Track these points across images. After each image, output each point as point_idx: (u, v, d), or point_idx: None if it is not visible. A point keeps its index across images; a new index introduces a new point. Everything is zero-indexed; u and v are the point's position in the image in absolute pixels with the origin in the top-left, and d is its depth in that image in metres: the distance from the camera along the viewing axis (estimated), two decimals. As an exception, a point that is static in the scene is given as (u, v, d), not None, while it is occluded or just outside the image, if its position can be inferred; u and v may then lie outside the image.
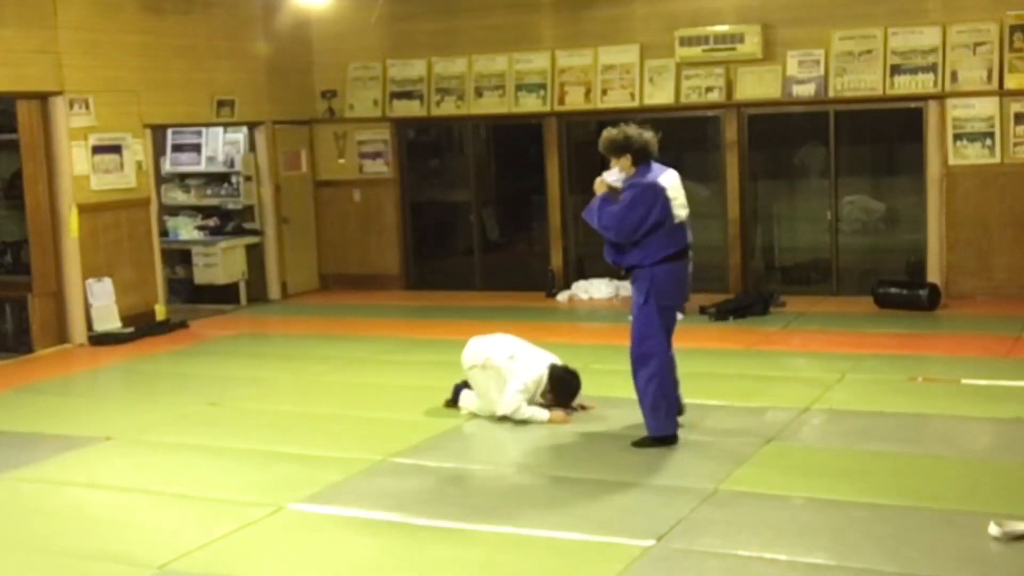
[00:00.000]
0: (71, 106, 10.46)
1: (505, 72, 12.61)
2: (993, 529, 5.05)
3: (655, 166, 6.66)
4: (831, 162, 11.61)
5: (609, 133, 6.71)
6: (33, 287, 10.43)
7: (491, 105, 12.65)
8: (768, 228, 12.51)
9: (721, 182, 11.97)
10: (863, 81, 11.21)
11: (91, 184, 10.66)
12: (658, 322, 6.61)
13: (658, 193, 6.51)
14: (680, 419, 6.83)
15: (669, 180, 6.59)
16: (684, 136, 12.27)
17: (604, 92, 12.19)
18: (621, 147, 6.63)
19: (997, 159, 10.84)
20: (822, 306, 11.14)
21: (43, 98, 10.39)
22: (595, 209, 6.69)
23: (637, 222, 6.50)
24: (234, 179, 13.03)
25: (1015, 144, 10.75)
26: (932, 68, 10.96)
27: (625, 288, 12.05)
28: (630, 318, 10.59)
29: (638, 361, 6.67)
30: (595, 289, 12.19)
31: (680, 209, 6.58)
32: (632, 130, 6.66)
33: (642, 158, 6.63)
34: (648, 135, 6.66)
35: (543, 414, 7.16)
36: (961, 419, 7.08)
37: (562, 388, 7.30)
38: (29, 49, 10.10)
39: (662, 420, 6.64)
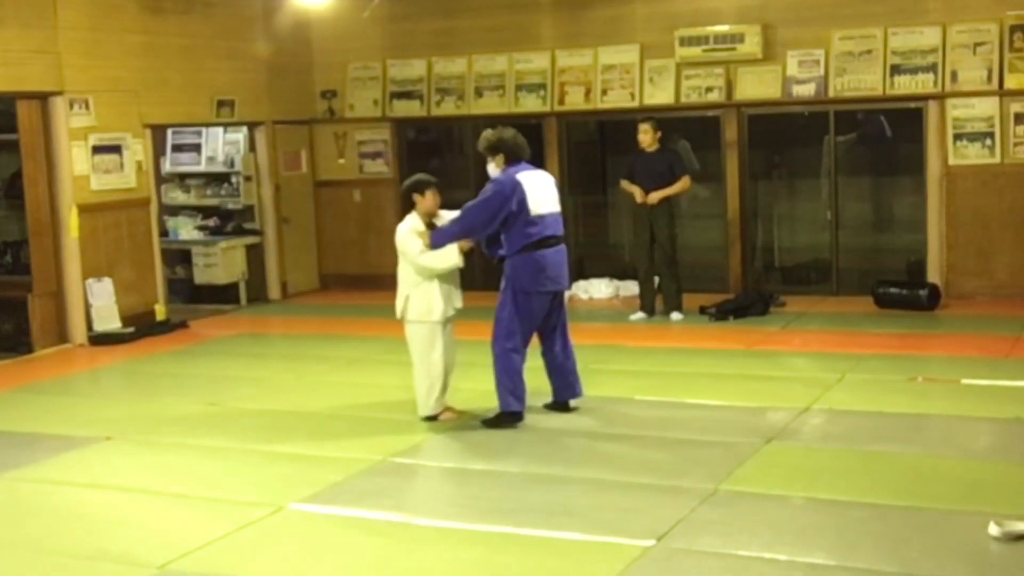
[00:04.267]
0: (71, 106, 10.46)
1: (505, 72, 12.61)
2: (993, 529, 5.05)
3: (525, 167, 7.20)
4: (831, 162, 11.62)
5: (486, 134, 7.31)
6: (33, 287, 10.43)
7: (491, 105, 12.64)
8: (768, 228, 12.52)
9: (721, 182, 11.97)
10: (863, 81, 11.21)
11: (91, 184, 10.66)
12: (513, 308, 7.13)
13: (515, 186, 7.06)
14: (574, 402, 7.42)
15: (531, 178, 7.13)
16: (684, 136, 12.30)
17: (604, 92, 12.19)
18: (495, 147, 7.25)
19: (997, 159, 10.83)
20: (822, 306, 11.14)
21: (43, 98, 10.39)
22: (443, 230, 7.15)
23: (496, 208, 7.04)
24: (234, 179, 13.03)
25: (1015, 144, 10.74)
26: (932, 68, 10.95)
27: (625, 288, 12.07)
28: (630, 318, 10.74)
29: (493, 341, 7.19)
30: (595, 289, 12.18)
31: (538, 206, 7.07)
32: (506, 133, 7.27)
33: (513, 159, 7.22)
34: (521, 140, 7.27)
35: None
36: (961, 419, 7.08)
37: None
38: (29, 49, 10.10)
39: (505, 397, 7.14)
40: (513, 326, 7.12)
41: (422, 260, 7.14)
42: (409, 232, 7.22)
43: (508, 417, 7.13)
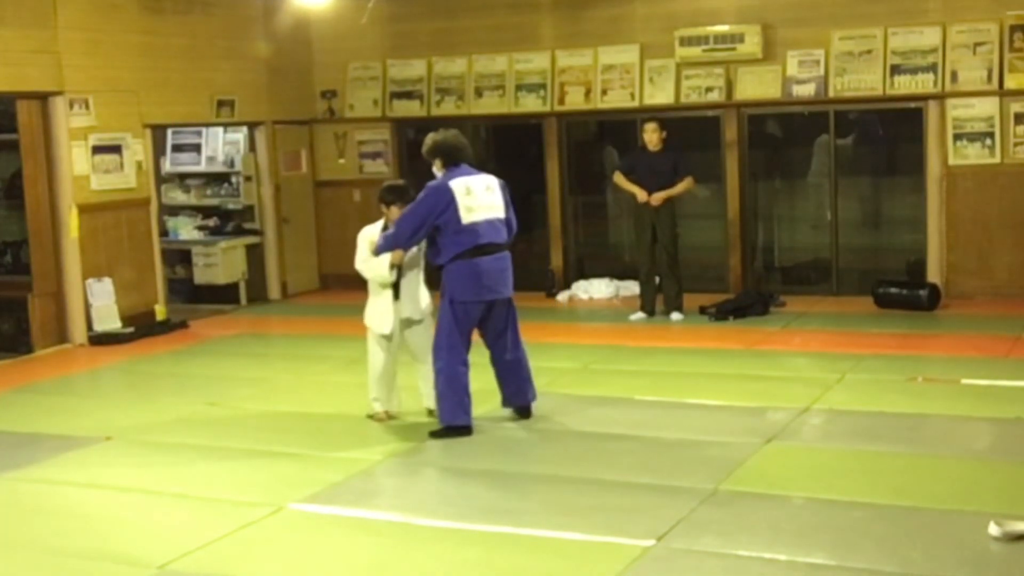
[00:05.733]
0: (71, 106, 10.46)
1: (505, 72, 12.61)
2: (993, 529, 5.05)
3: (465, 170, 7.05)
4: (831, 162, 11.62)
5: (425, 140, 7.18)
6: (33, 287, 10.43)
7: (491, 105, 12.65)
8: (768, 228, 12.51)
9: (721, 182, 11.97)
10: (863, 81, 11.21)
11: (91, 184, 10.66)
12: (452, 318, 6.96)
13: (442, 193, 6.90)
14: (533, 406, 7.25)
15: (464, 184, 6.95)
16: (684, 136, 12.27)
17: (604, 92, 12.19)
18: (431, 151, 7.11)
19: (997, 159, 10.84)
20: (822, 306, 11.15)
21: (43, 98, 10.39)
22: (382, 238, 7.14)
23: (424, 214, 6.90)
24: (234, 179, 13.03)
25: (1015, 144, 10.74)
26: (932, 68, 10.95)
27: (625, 288, 12.07)
28: (630, 318, 10.73)
29: (433, 352, 7.09)
30: (595, 289, 12.19)
31: (468, 212, 6.90)
32: (445, 135, 7.15)
33: (450, 162, 7.05)
34: (459, 142, 7.12)
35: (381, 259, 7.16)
36: (961, 419, 7.08)
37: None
38: (29, 49, 10.10)
39: (448, 410, 6.97)
40: (454, 338, 6.95)
41: (359, 267, 7.27)
42: (363, 238, 7.30)
43: (455, 430, 6.97)
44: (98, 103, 10.68)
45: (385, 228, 7.27)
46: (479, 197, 6.97)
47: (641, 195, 10.55)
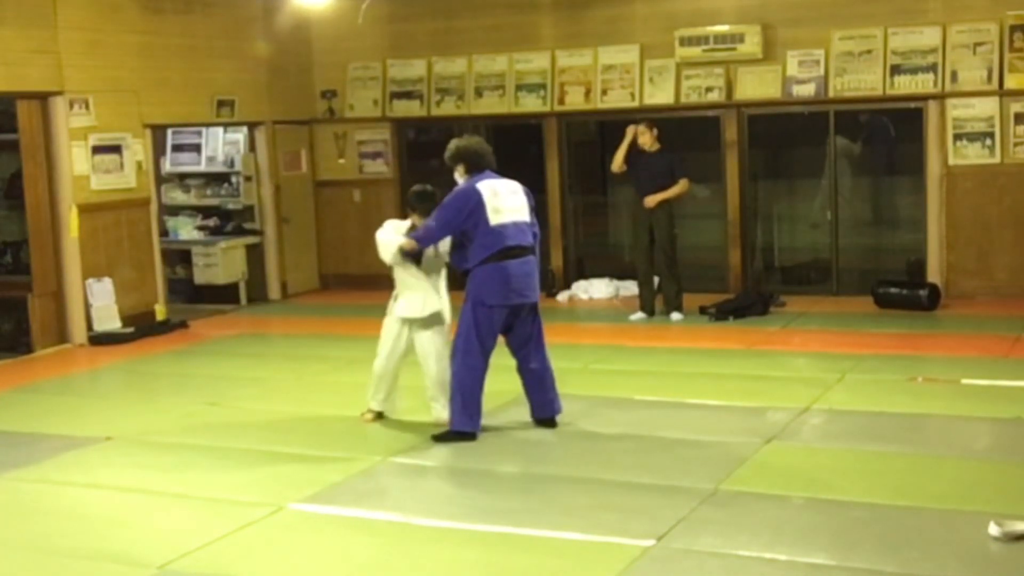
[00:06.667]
0: (71, 106, 10.46)
1: (505, 72, 12.61)
2: (993, 529, 5.05)
3: (488, 175, 7.05)
4: (831, 162, 11.62)
5: (449, 144, 7.20)
6: (33, 287, 10.43)
7: (491, 105, 12.65)
8: (768, 228, 12.51)
9: (721, 182, 11.97)
10: (863, 81, 11.21)
11: (91, 184, 10.66)
12: (472, 322, 6.90)
13: (471, 195, 6.90)
14: (558, 418, 7.15)
15: (491, 187, 6.96)
16: (684, 136, 12.28)
17: (604, 92, 12.19)
18: (455, 157, 7.13)
19: (997, 159, 10.84)
20: (822, 306, 11.14)
21: (43, 98, 10.39)
22: (416, 235, 7.12)
23: (451, 216, 6.91)
24: (234, 179, 13.04)
25: (1015, 144, 10.75)
26: (932, 68, 10.96)
27: (625, 288, 12.07)
28: (630, 318, 10.73)
29: (452, 356, 7.05)
30: (595, 289, 12.19)
31: (496, 214, 6.88)
32: (469, 142, 7.19)
33: (474, 168, 7.07)
34: (483, 148, 7.14)
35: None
36: (961, 419, 7.08)
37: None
38: (29, 49, 10.11)
39: (458, 415, 6.93)
40: (471, 342, 6.87)
41: (378, 235, 7.27)
42: (389, 223, 7.35)
43: (458, 436, 6.91)
44: (98, 103, 10.68)
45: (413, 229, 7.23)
46: (505, 199, 6.94)
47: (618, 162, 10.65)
